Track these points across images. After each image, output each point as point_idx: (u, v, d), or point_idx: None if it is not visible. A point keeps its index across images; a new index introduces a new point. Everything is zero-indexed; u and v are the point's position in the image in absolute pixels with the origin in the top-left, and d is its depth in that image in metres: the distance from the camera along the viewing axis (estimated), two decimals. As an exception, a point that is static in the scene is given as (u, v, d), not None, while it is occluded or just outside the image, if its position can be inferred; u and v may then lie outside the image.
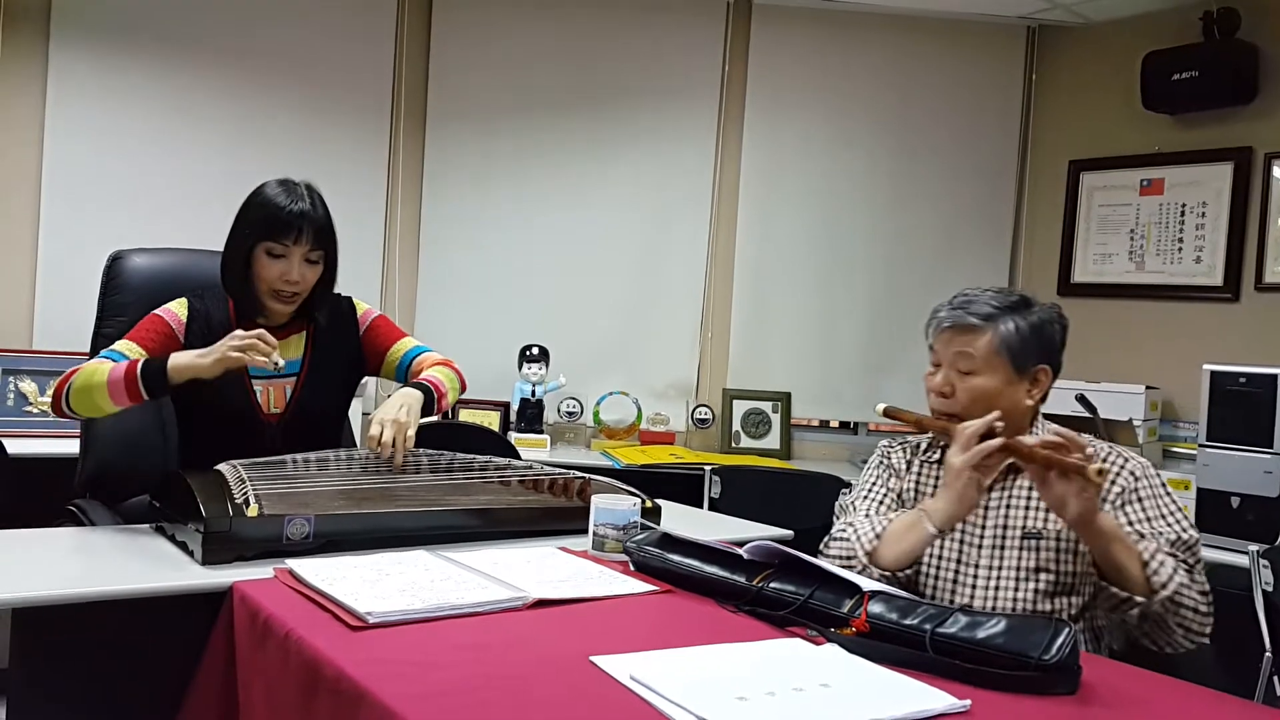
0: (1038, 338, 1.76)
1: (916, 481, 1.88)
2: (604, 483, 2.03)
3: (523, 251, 4.01)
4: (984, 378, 1.75)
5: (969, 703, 1.15)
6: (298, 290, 2.01)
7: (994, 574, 1.72)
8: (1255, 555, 2.51)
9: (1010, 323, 1.75)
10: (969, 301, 1.79)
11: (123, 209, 3.53)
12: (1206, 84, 3.40)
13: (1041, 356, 1.77)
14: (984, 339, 1.75)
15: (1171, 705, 1.24)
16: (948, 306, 1.82)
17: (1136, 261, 3.72)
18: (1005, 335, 1.74)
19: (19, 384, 3.24)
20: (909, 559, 1.70)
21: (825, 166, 4.03)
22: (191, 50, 3.64)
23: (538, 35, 3.98)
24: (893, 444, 1.96)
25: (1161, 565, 1.59)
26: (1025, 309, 1.78)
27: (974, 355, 1.75)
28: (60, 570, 1.66)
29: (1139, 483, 1.74)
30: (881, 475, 1.92)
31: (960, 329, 1.77)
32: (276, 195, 1.99)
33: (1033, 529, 1.72)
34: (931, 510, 1.68)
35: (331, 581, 1.48)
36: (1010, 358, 1.74)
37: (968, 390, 1.76)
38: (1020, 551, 1.72)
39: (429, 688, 1.13)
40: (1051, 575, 1.70)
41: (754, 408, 4.01)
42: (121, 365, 1.84)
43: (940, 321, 1.81)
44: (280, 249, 1.97)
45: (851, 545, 1.74)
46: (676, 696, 1.09)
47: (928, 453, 1.90)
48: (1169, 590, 1.58)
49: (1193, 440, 3.29)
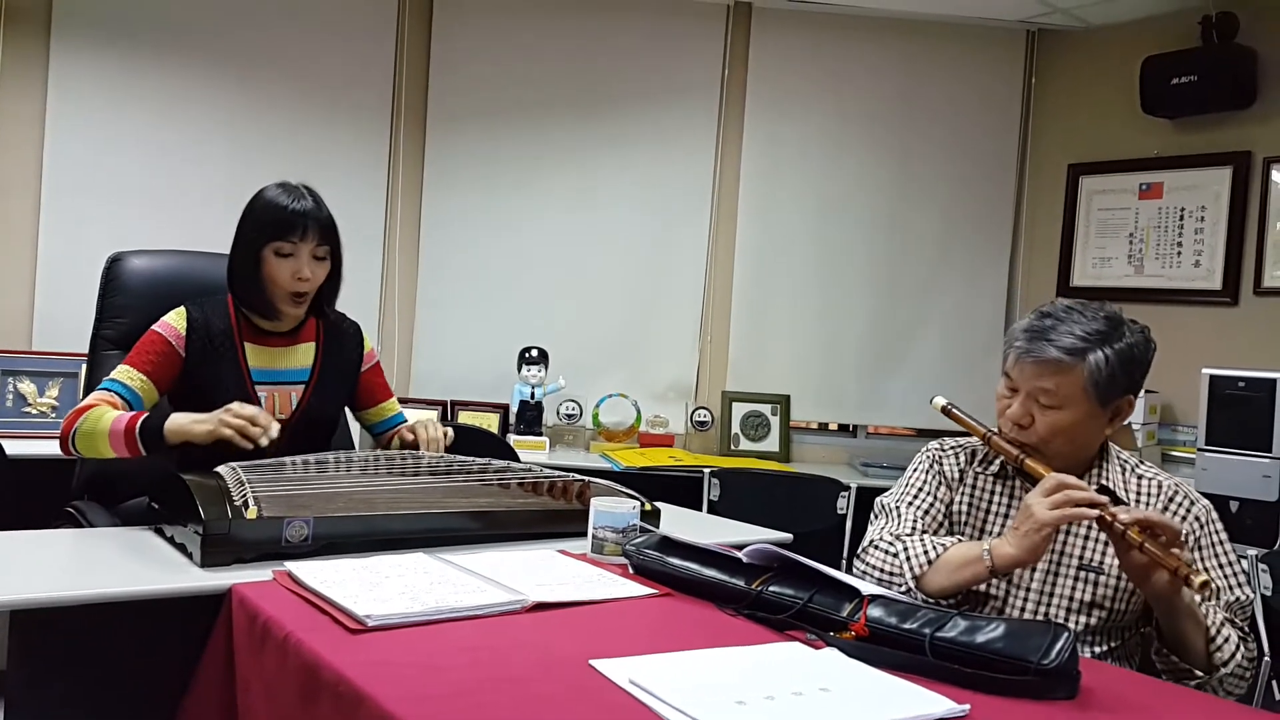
0: (1126, 368, 1.61)
1: (971, 495, 1.77)
2: (603, 485, 2.03)
3: (522, 253, 4.01)
4: (1067, 412, 1.62)
5: (968, 707, 1.14)
6: (310, 289, 2.03)
7: (1045, 601, 1.65)
8: (1254, 560, 2.51)
9: (1099, 354, 1.59)
10: (1052, 328, 1.62)
11: (123, 210, 3.53)
12: (1205, 88, 3.41)
13: (1129, 387, 1.63)
14: (1072, 375, 1.60)
15: (1170, 710, 1.24)
16: (1026, 335, 1.64)
17: (1135, 265, 3.72)
18: (1094, 370, 1.59)
19: (18, 385, 3.24)
20: (957, 591, 1.63)
21: (825, 170, 4.03)
22: (192, 50, 3.65)
23: (538, 36, 3.99)
24: (944, 448, 1.83)
25: (1226, 641, 1.53)
26: (1114, 335, 1.61)
27: (1059, 391, 1.61)
28: (59, 572, 1.65)
29: (1202, 530, 1.66)
30: (930, 482, 1.80)
31: (1045, 363, 1.61)
32: (278, 196, 2.01)
33: (1090, 561, 1.65)
34: (997, 553, 1.57)
35: (330, 584, 1.47)
36: (1097, 393, 1.61)
37: (1048, 424, 1.63)
38: (1075, 582, 1.65)
39: (428, 690, 1.13)
40: (1105, 613, 1.63)
41: (753, 410, 4.01)
42: (124, 418, 1.86)
43: (1020, 352, 1.64)
44: (289, 247, 1.98)
45: (900, 565, 1.66)
46: (675, 700, 1.09)
47: (984, 463, 1.78)
48: (1230, 669, 1.53)
49: (1191, 444, 3.30)
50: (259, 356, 2.05)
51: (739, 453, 3.94)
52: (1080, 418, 1.62)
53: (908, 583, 1.64)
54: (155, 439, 1.84)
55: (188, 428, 1.83)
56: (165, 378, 1.99)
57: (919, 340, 4.04)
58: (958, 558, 1.63)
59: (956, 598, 1.65)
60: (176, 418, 1.85)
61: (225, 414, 1.83)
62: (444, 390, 3.96)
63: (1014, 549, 1.55)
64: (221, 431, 1.81)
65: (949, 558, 1.64)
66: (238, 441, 1.80)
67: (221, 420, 1.82)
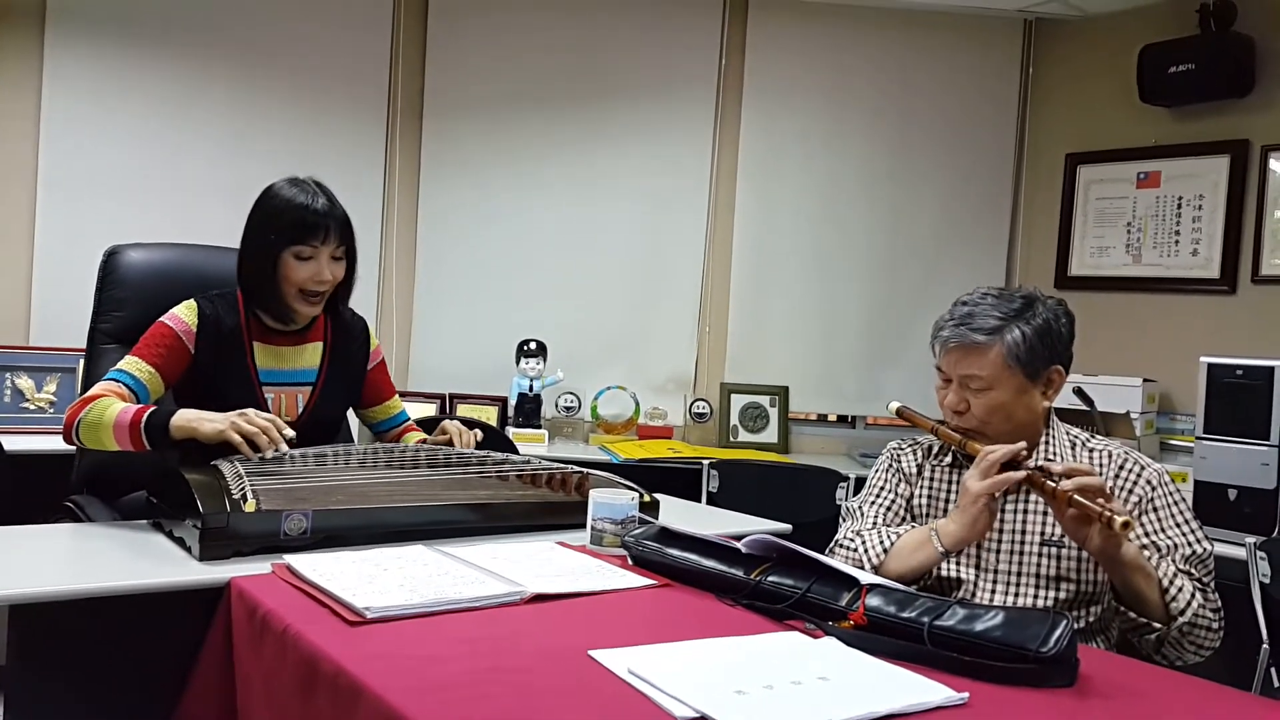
0: (1045, 340, 1.70)
1: (929, 487, 1.85)
2: (602, 477, 2.03)
3: (520, 246, 4.00)
4: (997, 391, 1.70)
5: (967, 695, 1.15)
6: (328, 289, 2.00)
7: (1014, 581, 1.71)
8: (1252, 547, 2.52)
9: (1015, 331, 1.69)
10: (970, 315, 1.72)
11: (119, 203, 3.52)
12: (1203, 77, 3.40)
13: (1052, 358, 1.72)
14: (991, 354, 1.69)
15: (1169, 697, 1.24)
16: (950, 323, 1.75)
17: (1133, 254, 3.72)
18: (1012, 346, 1.69)
19: (15, 380, 3.23)
20: (916, 576, 1.69)
21: (822, 160, 4.03)
22: (187, 43, 3.63)
23: (534, 28, 3.98)
24: (902, 446, 1.92)
25: (1180, 591, 1.58)
26: (1028, 312, 1.71)
27: (984, 373, 1.70)
28: (58, 566, 1.65)
29: (1155, 492, 1.72)
30: (891, 480, 1.88)
31: (966, 348, 1.71)
32: (295, 196, 1.96)
33: (1052, 536, 1.70)
34: (943, 532, 1.65)
35: (329, 576, 1.48)
36: (1021, 367, 1.69)
37: (983, 406, 1.72)
38: (1040, 559, 1.70)
39: (427, 682, 1.13)
40: (1074, 585, 1.68)
41: (752, 402, 4.01)
42: (129, 411, 1.82)
43: (945, 341, 1.75)
44: (309, 251, 1.95)
45: (859, 557, 1.73)
46: (675, 690, 1.09)
47: (939, 456, 1.86)
48: (1187, 616, 1.57)
49: (1190, 433, 3.29)
50: (267, 356, 2.04)
51: (738, 444, 3.94)
52: (1011, 394, 1.71)
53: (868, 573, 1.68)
54: (160, 434, 1.80)
55: (195, 425, 1.79)
56: (173, 371, 1.95)
57: (917, 331, 4.01)
58: (910, 543, 1.71)
59: (923, 584, 1.70)
60: (184, 414, 1.81)
61: (240, 419, 1.79)
62: (442, 383, 3.96)
63: (956, 525, 1.64)
64: (230, 435, 1.78)
65: (902, 544, 1.72)
66: (244, 449, 1.78)
67: (234, 424, 1.78)
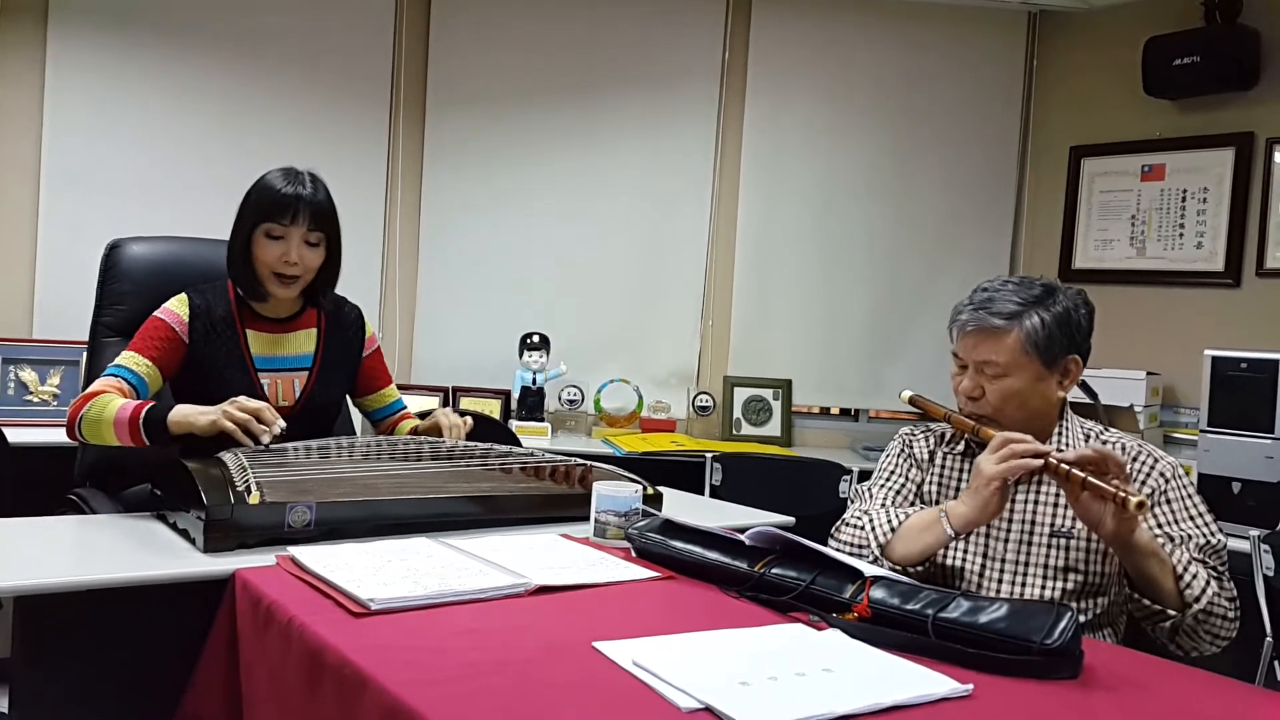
0: (1064, 329, 1.69)
1: (940, 474, 1.83)
2: (605, 470, 2.03)
3: (523, 239, 4.00)
4: (1014, 378, 1.69)
5: (971, 687, 1.15)
6: (298, 273, 2.02)
7: (1020, 570, 1.69)
8: (1256, 540, 2.51)
9: (1035, 317, 1.68)
10: (990, 300, 1.71)
11: (121, 197, 3.52)
12: (1208, 69, 3.39)
13: (1070, 347, 1.71)
14: (1009, 340, 1.68)
15: (1173, 689, 1.24)
16: (969, 307, 1.74)
17: (1137, 247, 3.71)
18: (1031, 332, 1.67)
19: (19, 373, 3.24)
20: (922, 557, 1.67)
21: (826, 153, 4.02)
22: (190, 38, 3.63)
23: (538, 21, 3.97)
24: (915, 432, 1.90)
25: (1194, 578, 1.57)
26: (1049, 300, 1.70)
27: (1001, 359, 1.68)
28: (62, 559, 1.66)
29: (1168, 484, 1.70)
30: (902, 465, 1.87)
31: (984, 332, 1.70)
32: (275, 180, 2.01)
33: (1061, 527, 1.69)
34: (953, 513, 1.63)
35: (334, 568, 1.48)
36: (1039, 354, 1.68)
37: (998, 392, 1.70)
38: (1048, 550, 1.69)
39: (431, 673, 1.13)
40: (1081, 576, 1.67)
41: (755, 395, 4.01)
42: (129, 407, 1.85)
43: (963, 325, 1.74)
44: (279, 230, 1.98)
45: (865, 535, 1.72)
46: (679, 681, 1.09)
47: (951, 443, 1.84)
48: (1202, 604, 1.56)
49: (1194, 426, 3.30)
50: (260, 343, 2.06)
51: (741, 437, 3.94)
52: (1027, 381, 1.70)
53: (874, 551, 1.70)
54: (159, 430, 1.84)
55: (191, 419, 1.83)
56: (170, 364, 1.99)
57: (921, 323, 4.03)
58: (919, 523, 1.68)
59: (926, 567, 1.69)
60: (180, 409, 1.85)
61: (230, 407, 1.82)
62: (445, 376, 3.96)
63: (967, 507, 1.61)
64: (224, 424, 1.80)
65: (910, 524, 1.70)
66: (239, 437, 1.79)
67: (225, 413, 1.81)
